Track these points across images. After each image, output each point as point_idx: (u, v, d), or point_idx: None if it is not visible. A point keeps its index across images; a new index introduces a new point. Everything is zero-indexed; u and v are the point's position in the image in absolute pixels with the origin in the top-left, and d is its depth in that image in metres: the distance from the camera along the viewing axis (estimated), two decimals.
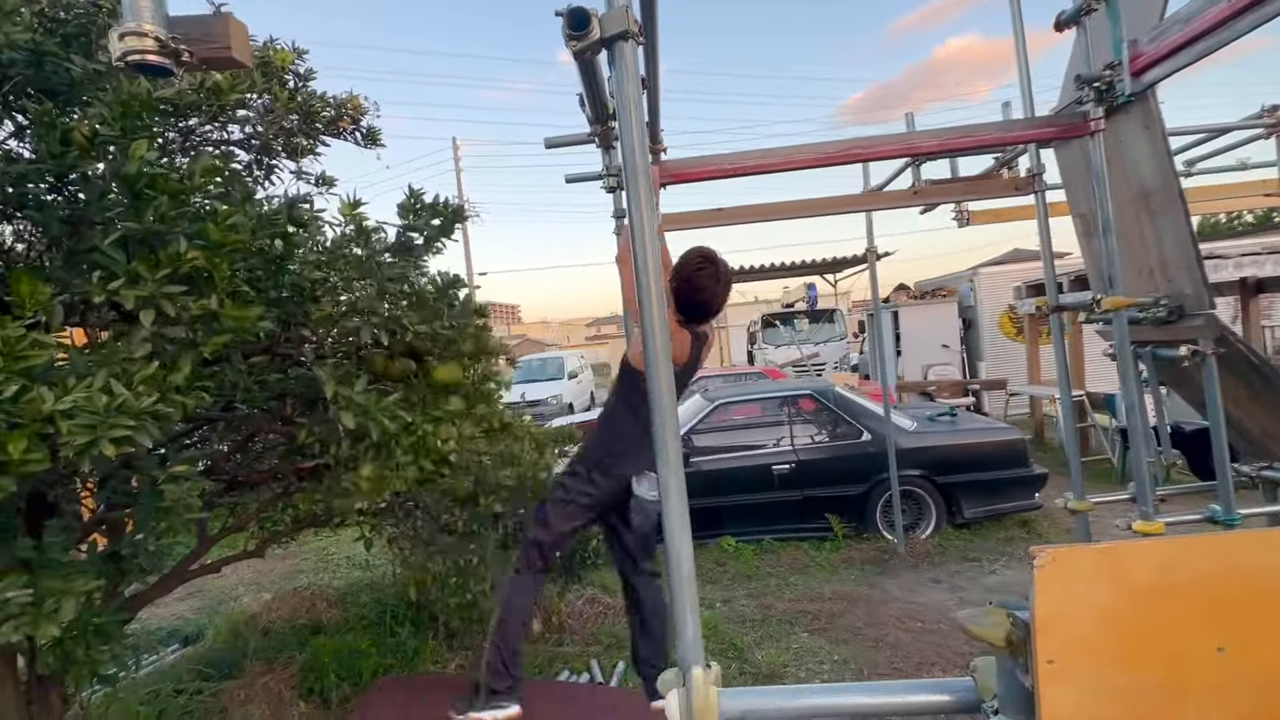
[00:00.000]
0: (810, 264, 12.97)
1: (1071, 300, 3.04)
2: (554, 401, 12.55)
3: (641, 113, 1.12)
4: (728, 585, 4.21)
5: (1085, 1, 2.58)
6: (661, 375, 1.09)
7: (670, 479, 1.07)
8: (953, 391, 9.07)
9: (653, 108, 2.30)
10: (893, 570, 4.25)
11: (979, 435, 4.94)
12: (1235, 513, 2.67)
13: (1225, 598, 0.82)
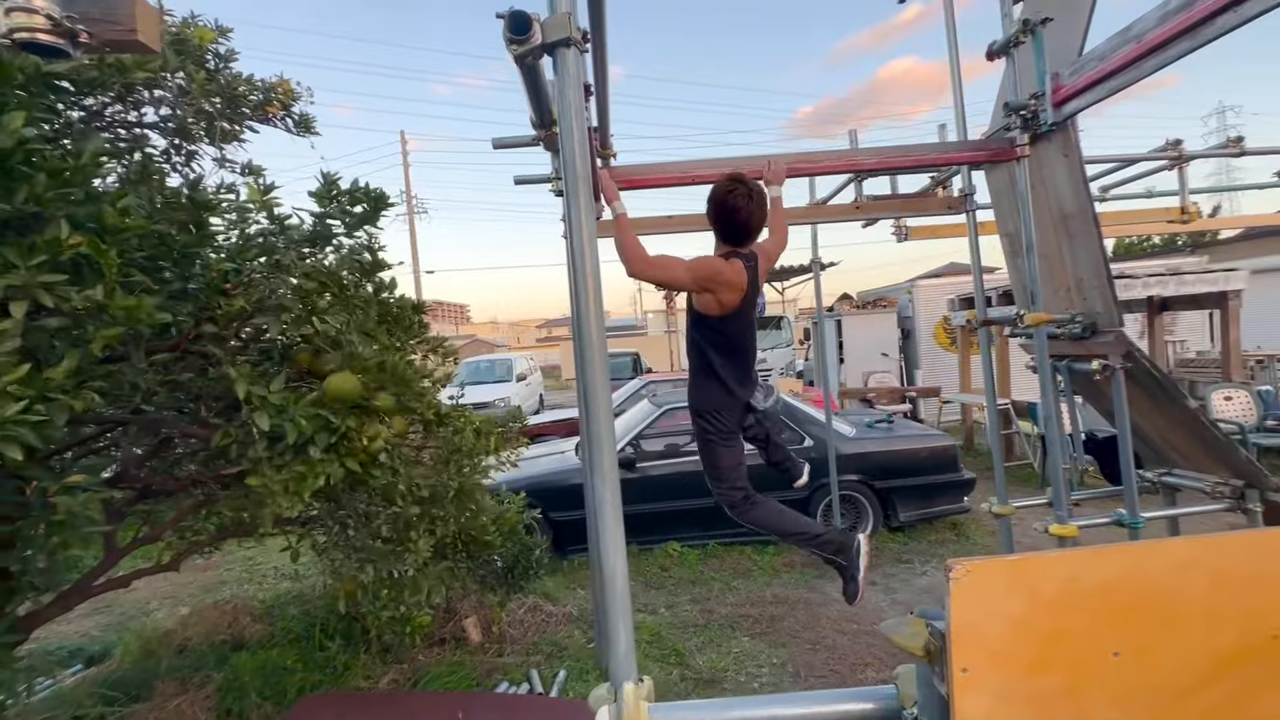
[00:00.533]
0: None
1: (998, 315, 3.21)
2: (501, 404, 12.32)
3: (584, 119, 1.11)
4: (672, 590, 4.22)
5: (1014, 34, 2.73)
6: (597, 381, 1.07)
7: (605, 491, 1.05)
8: (891, 398, 9.43)
9: (602, 113, 2.29)
10: (832, 573, 4.35)
11: (914, 442, 5.14)
12: (1139, 516, 2.87)
13: (1123, 606, 0.87)
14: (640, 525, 4.93)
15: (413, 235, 25.03)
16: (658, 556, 4.76)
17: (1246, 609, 0.88)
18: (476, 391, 12.85)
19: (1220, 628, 0.88)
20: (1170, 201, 4.51)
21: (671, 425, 5.45)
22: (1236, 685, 0.88)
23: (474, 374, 14.13)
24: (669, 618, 3.82)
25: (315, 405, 1.88)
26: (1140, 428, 3.23)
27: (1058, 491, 2.87)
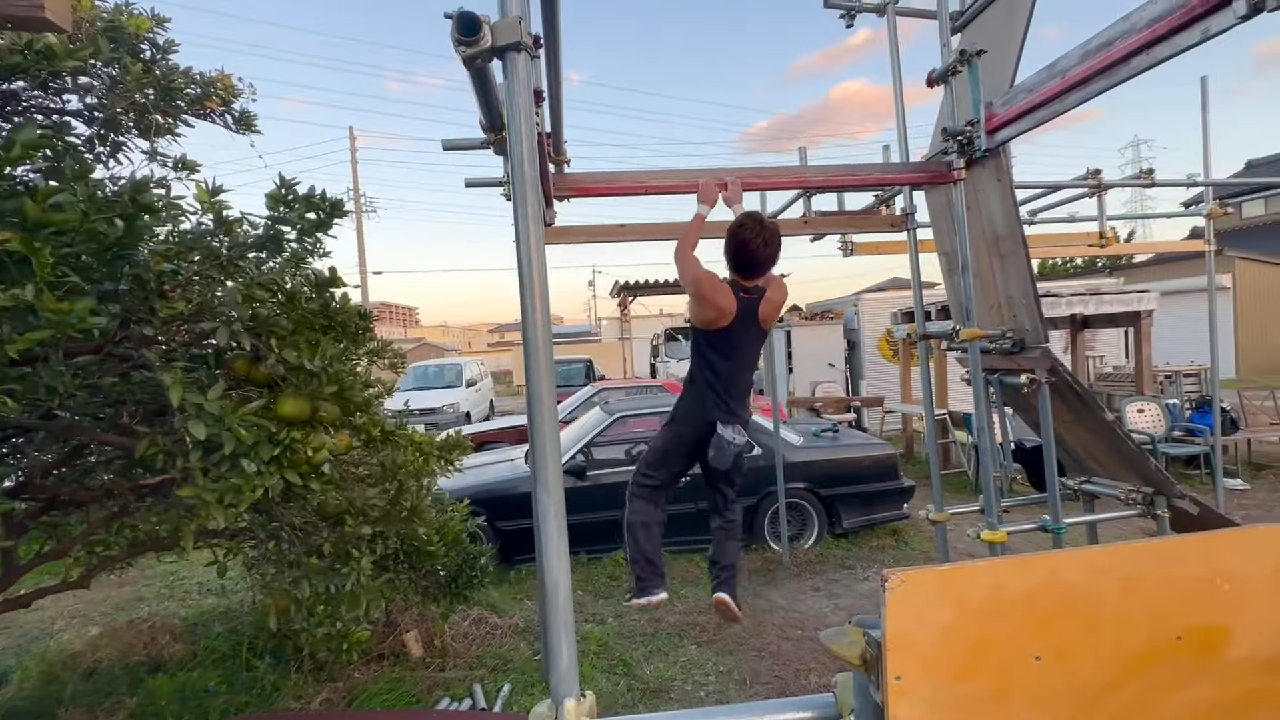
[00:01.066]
0: None
1: (936, 329, 3.35)
2: (450, 410, 12.04)
3: (534, 125, 1.10)
4: (620, 600, 4.20)
5: (951, 64, 2.87)
6: (543, 391, 1.06)
7: (549, 503, 1.03)
8: (837, 407, 9.70)
9: (555, 119, 2.28)
10: (777, 580, 4.44)
11: (858, 450, 5.30)
12: (1061, 522, 3.05)
13: (1044, 612, 0.91)
14: (590, 534, 4.90)
15: (360, 235, 24.24)
16: (607, 565, 4.74)
17: (1153, 612, 0.94)
18: (424, 397, 12.51)
19: (1131, 631, 0.93)
20: (1091, 226, 4.84)
21: (623, 433, 5.44)
22: (1145, 686, 0.94)
23: (422, 379, 13.76)
24: (617, 627, 3.80)
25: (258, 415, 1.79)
26: (1063, 438, 3.43)
27: (989, 499, 3.01)
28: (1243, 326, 15.09)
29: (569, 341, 34.84)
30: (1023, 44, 3.02)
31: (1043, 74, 2.47)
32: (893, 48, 3.38)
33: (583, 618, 3.96)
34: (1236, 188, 6.79)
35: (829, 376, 10.69)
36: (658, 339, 13.65)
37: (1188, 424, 6.47)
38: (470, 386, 13.61)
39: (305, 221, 1.88)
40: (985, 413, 3.20)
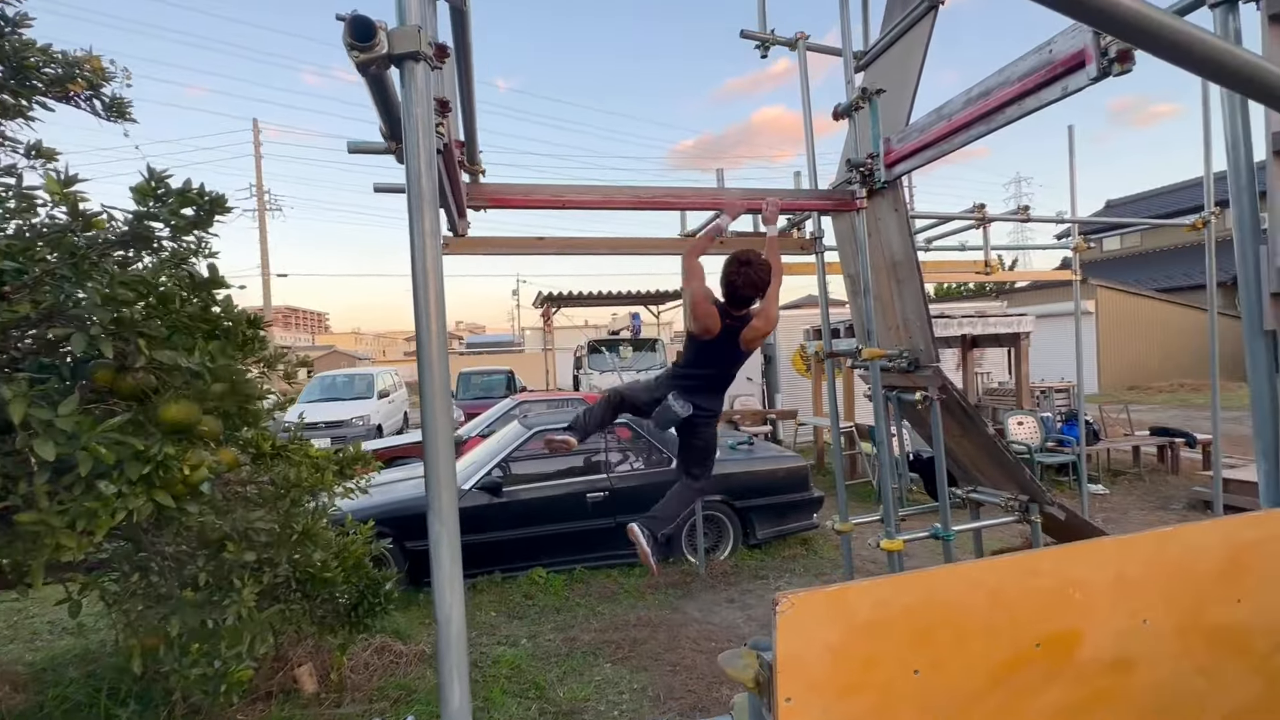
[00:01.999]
0: (636, 294, 13.58)
1: (841, 348, 3.53)
2: (359, 423, 11.39)
3: (432, 138, 1.05)
4: (535, 619, 4.10)
5: (854, 100, 3.06)
6: (437, 413, 1.01)
7: (442, 531, 0.99)
8: (754, 420, 10.01)
9: (469, 128, 2.22)
10: (694, 592, 4.49)
11: (771, 463, 5.48)
12: (950, 530, 3.28)
13: (922, 626, 0.96)
14: (505, 552, 4.77)
15: (263, 234, 22.63)
16: (522, 584, 4.61)
17: (1016, 622, 1.01)
18: (331, 409, 11.78)
19: (997, 641, 1.00)
20: (979, 255, 5.29)
21: (541, 448, 5.34)
22: (1009, 692, 1.01)
23: (329, 389, 12.96)
24: (530, 649, 3.70)
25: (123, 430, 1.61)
26: (952, 451, 3.70)
27: (887, 509, 3.19)
28: (1104, 347, 16.97)
29: (491, 352, 33.99)
30: (917, 86, 3.26)
31: (932, 116, 2.67)
32: (803, 81, 3.55)
33: (495, 640, 3.83)
34: (1097, 225, 7.63)
35: (747, 390, 11.02)
36: (581, 351, 13.57)
37: (1059, 435, 7.16)
38: (382, 398, 12.95)
39: (180, 218, 1.72)
40: (885, 427, 3.40)
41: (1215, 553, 1.16)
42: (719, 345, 2.78)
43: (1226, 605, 1.15)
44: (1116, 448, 7.61)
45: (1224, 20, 1.59)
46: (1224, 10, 1.59)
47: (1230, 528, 1.18)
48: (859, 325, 3.61)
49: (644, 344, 13.48)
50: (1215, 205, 4.62)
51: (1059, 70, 2.03)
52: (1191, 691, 1.12)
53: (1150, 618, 1.10)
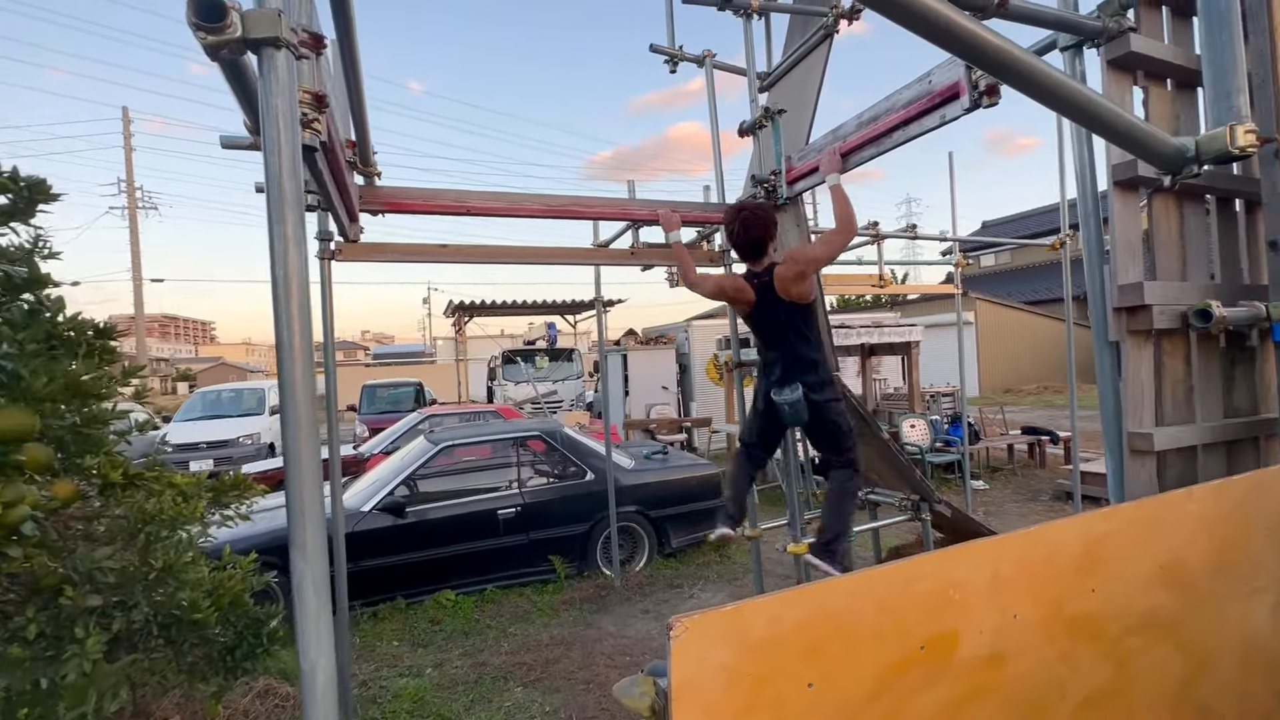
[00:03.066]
0: (552, 304, 13.42)
1: (748, 357, 3.62)
2: (248, 442, 10.46)
3: (297, 134, 0.96)
4: (441, 646, 3.89)
5: (757, 119, 3.17)
6: (302, 437, 0.91)
7: (307, 570, 0.88)
8: (670, 428, 10.13)
9: (360, 126, 2.08)
10: (609, 606, 4.43)
11: (685, 471, 5.54)
12: (851, 531, 3.43)
13: (814, 640, 0.97)
14: (410, 576, 4.50)
15: (134, 233, 20.43)
16: (428, 609, 4.37)
17: (902, 627, 1.05)
18: (215, 427, 10.75)
19: (884, 647, 1.03)
20: (874, 269, 5.65)
21: (449, 464, 5.12)
22: (895, 695, 1.04)
23: (213, 406, 11.83)
24: (436, 678, 3.50)
25: None
26: None
27: (793, 514, 3.29)
28: (983, 354, 18.65)
29: (400, 363, 32.38)
30: (815, 108, 3.42)
31: (829, 137, 2.81)
32: (710, 98, 3.64)
33: (397, 671, 3.59)
34: (974, 243, 8.37)
35: (663, 399, 11.14)
36: (495, 361, 13.20)
37: (945, 436, 7.75)
38: (276, 414, 11.97)
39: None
40: (790, 434, 3.51)
41: (1073, 547, 1.26)
42: (764, 310, 2.64)
43: (1083, 596, 1.25)
44: (994, 446, 8.34)
45: (1072, 62, 1.77)
46: (1072, 54, 1.77)
47: (1085, 523, 1.29)
48: None
49: (560, 354, 13.33)
50: (1070, 228, 5.19)
51: (937, 100, 2.18)
52: (1054, 679, 1.20)
53: (1019, 612, 1.17)
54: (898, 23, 1.19)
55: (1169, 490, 1.64)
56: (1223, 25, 1.17)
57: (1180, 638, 1.38)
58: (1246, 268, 1.99)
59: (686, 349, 11.53)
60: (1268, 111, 1.67)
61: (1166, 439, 1.70)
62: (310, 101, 1.23)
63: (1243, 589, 1.49)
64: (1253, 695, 1.50)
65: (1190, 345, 1.84)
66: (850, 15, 3.16)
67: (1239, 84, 1.16)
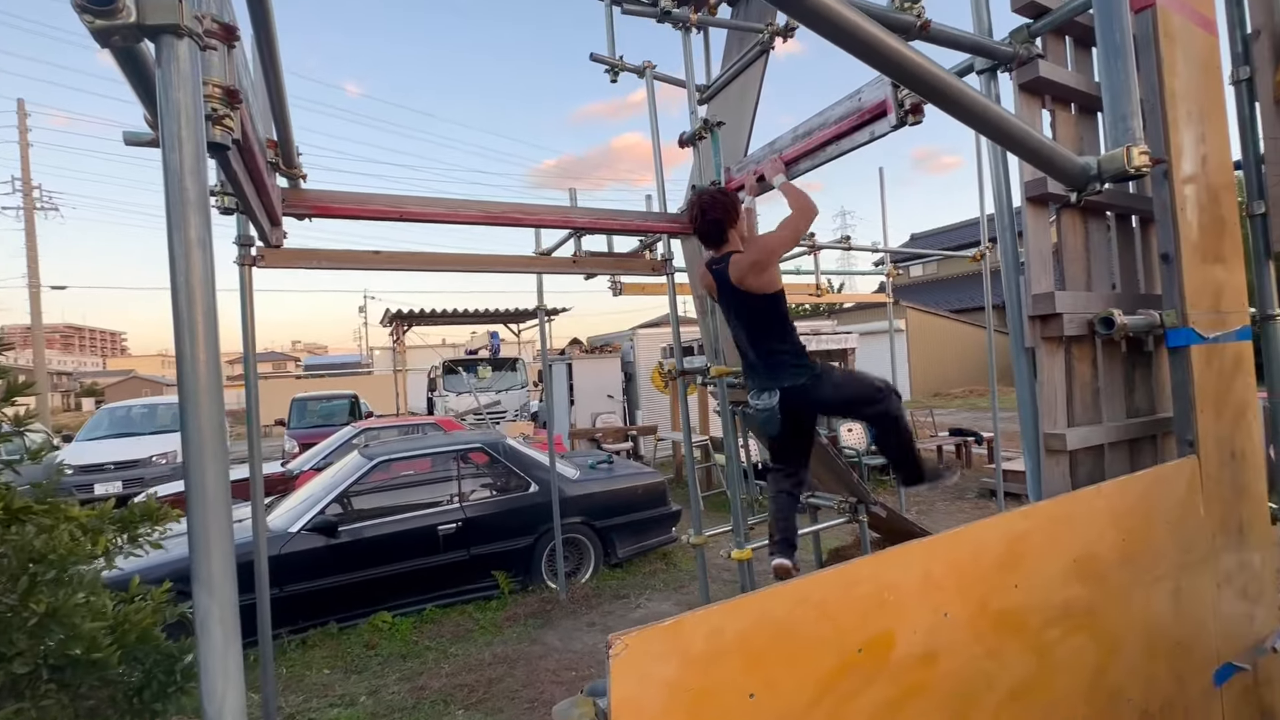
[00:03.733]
0: (495, 313, 13.16)
1: (691, 366, 3.65)
2: (162, 461, 9.72)
3: (202, 131, 0.89)
4: (377, 671, 3.70)
5: (697, 130, 3.21)
6: (206, 459, 0.84)
7: (212, 605, 0.81)
8: (616, 437, 10.09)
9: (281, 125, 1.97)
10: (554, 620, 4.35)
11: (630, 480, 5.52)
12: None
13: (756, 650, 0.96)
14: (344, 599, 4.27)
15: (30, 236, 18.73)
16: (363, 632, 4.16)
17: (841, 631, 1.06)
18: (124, 446, 9.94)
19: (823, 652, 1.04)
20: (811, 278, 5.83)
21: (385, 479, 4.91)
22: (836, 698, 1.05)
23: (122, 423, 10.94)
24: (371, 706, 3.33)
25: None
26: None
27: (736, 520, 3.32)
28: (914, 359, 19.59)
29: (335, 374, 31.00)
30: (753, 121, 3.51)
31: (764, 150, 2.88)
32: (651, 108, 3.67)
33: (328, 701, 3.39)
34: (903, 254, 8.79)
35: (608, 407, 11.10)
36: (435, 371, 12.82)
37: None
38: None
39: None
40: (733, 441, 3.56)
41: (997, 546, 1.31)
42: (727, 304, 2.58)
43: (1007, 591, 1.31)
44: (924, 447, 8.73)
45: (988, 84, 1.87)
46: (987, 76, 1.88)
47: (1007, 522, 1.35)
48: (708, 344, 3.77)
49: (504, 363, 13.09)
50: (990, 241, 5.52)
51: (866, 117, 2.27)
52: (982, 673, 1.25)
53: (950, 610, 1.21)
54: (828, 39, 1.22)
55: (1080, 487, 1.75)
56: (1118, 54, 1.27)
57: (1093, 627, 1.47)
58: (1143, 278, 2.16)
59: (632, 357, 11.55)
60: (1157, 135, 1.82)
61: (1078, 439, 1.81)
62: (220, 96, 1.15)
63: (1146, 578, 1.60)
64: (1156, 677, 1.61)
65: (1096, 350, 1.97)
66: (785, 33, 3.26)
67: (1133, 108, 1.26)
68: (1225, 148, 2.02)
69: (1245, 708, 1.88)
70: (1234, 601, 1.86)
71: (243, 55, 1.62)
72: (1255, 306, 2.13)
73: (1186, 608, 1.71)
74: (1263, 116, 2.10)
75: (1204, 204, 1.90)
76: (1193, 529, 1.75)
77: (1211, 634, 1.78)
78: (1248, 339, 2.02)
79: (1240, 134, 2.15)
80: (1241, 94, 2.14)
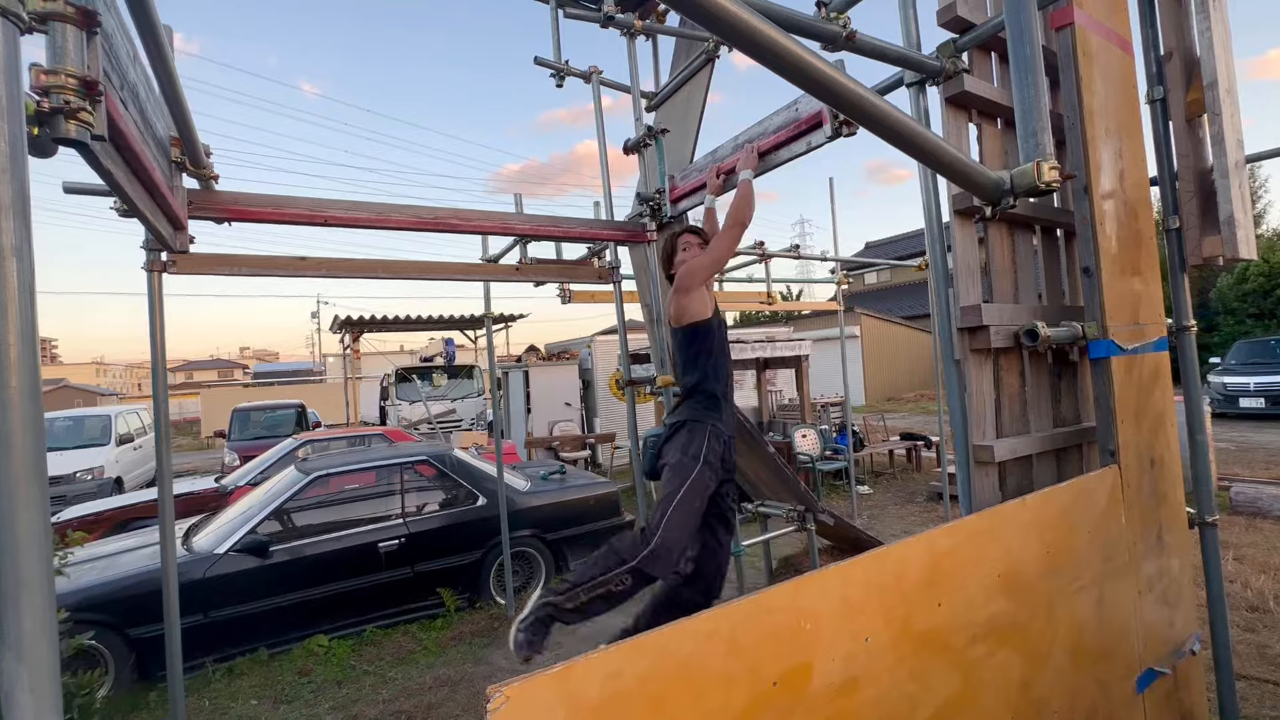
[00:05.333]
0: (450, 319, 12.86)
1: (639, 375, 3.60)
2: (88, 478, 9.12)
3: (18, 122, 0.78)
4: (309, 700, 3.51)
5: (641, 137, 3.17)
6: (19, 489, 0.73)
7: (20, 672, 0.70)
8: (574, 445, 9.97)
9: (181, 122, 1.83)
10: (501, 638, 4.21)
11: (583, 490, 5.42)
12: (740, 545, 3.47)
13: (658, 691, 0.90)
14: (276, 623, 4.04)
15: None
16: (297, 657, 3.94)
17: (752, 665, 1.01)
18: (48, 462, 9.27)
19: (734, 687, 0.98)
20: (763, 286, 5.86)
21: (323, 495, 4.69)
22: None
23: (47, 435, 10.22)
24: None
25: None
26: (741, 468, 3.95)
27: None
28: (868, 365, 20.04)
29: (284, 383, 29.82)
30: (699, 129, 3.48)
31: (707, 159, 2.85)
32: (598, 113, 3.62)
33: None
34: (853, 263, 8.96)
35: (566, 415, 10.97)
36: (388, 380, 12.43)
37: (834, 445, 8.18)
38: (125, 444, 10.55)
39: None
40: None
41: (919, 564, 1.29)
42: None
43: (930, 611, 1.28)
44: (876, 452, 8.91)
45: (916, 98, 1.88)
46: (916, 90, 1.88)
47: (930, 540, 1.33)
48: (655, 353, 3.72)
49: (459, 371, 12.80)
50: None
51: (803, 127, 2.26)
52: (905, 696, 1.22)
53: (871, 635, 1.18)
54: (739, 48, 1.18)
55: (1010, 498, 1.75)
56: (1028, 69, 1.28)
57: (1018, 640, 1.46)
58: (1068, 290, 2.20)
59: (590, 364, 11.45)
60: (1077, 150, 1.85)
61: (1005, 450, 1.82)
62: (75, 87, 1.03)
63: (1069, 588, 1.62)
64: (1080, 686, 1.62)
65: (1024, 362, 1.99)
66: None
67: (1043, 123, 1.27)
68: (1142, 164, 2.09)
69: (1166, 711, 1.92)
70: (1155, 607, 1.90)
71: (129, 47, 1.49)
72: (1171, 318, 2.20)
73: (1109, 616, 1.73)
74: (1175, 135, 2.17)
75: (1122, 219, 1.95)
76: (1114, 537, 1.78)
77: (1134, 641, 1.81)
78: (1164, 350, 2.08)
79: (1155, 151, 2.23)
80: (1157, 113, 2.22)
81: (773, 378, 10.60)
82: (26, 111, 1.01)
